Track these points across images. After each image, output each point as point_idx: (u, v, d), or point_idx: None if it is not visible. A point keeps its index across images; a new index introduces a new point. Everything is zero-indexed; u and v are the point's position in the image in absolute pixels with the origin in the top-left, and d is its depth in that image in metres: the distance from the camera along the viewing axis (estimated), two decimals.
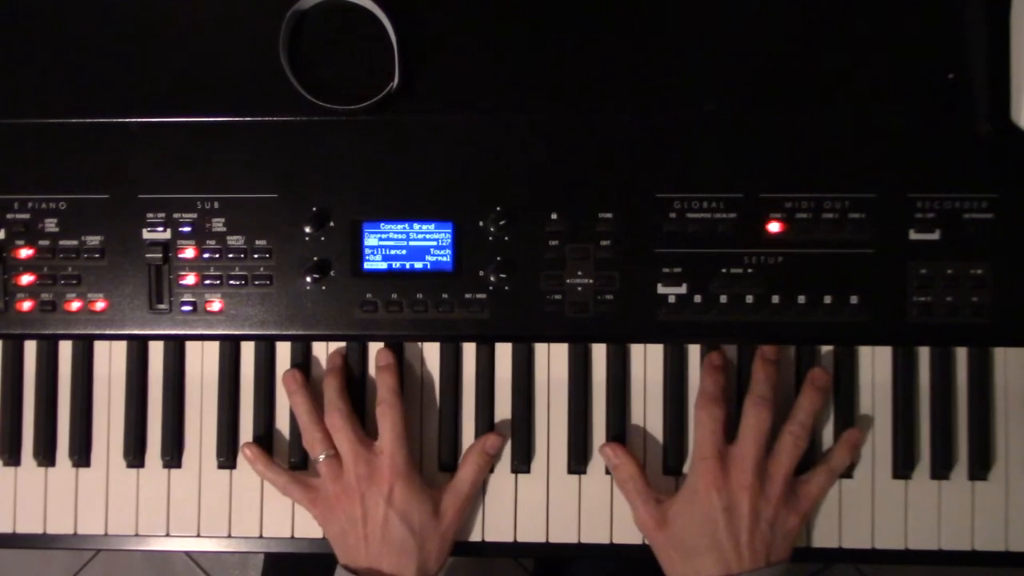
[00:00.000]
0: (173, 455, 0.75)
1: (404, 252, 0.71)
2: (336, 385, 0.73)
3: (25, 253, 0.72)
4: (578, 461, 0.74)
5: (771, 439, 0.70)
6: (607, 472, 0.74)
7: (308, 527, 0.74)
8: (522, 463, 0.74)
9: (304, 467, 0.75)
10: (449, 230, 0.71)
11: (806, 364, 0.74)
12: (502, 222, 0.70)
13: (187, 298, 0.72)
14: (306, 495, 0.72)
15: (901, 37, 0.71)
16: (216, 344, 0.75)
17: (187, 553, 1.48)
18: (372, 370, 0.75)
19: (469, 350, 0.75)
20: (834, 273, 0.70)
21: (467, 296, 0.71)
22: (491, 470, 0.74)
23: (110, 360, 0.76)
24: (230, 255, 0.71)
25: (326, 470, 0.72)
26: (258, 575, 1.56)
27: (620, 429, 0.74)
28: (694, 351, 0.74)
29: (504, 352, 0.75)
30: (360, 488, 0.70)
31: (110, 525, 0.75)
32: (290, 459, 0.75)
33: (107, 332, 0.72)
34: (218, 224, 0.71)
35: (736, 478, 0.68)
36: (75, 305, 0.72)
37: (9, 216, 0.72)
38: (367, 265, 0.71)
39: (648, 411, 0.74)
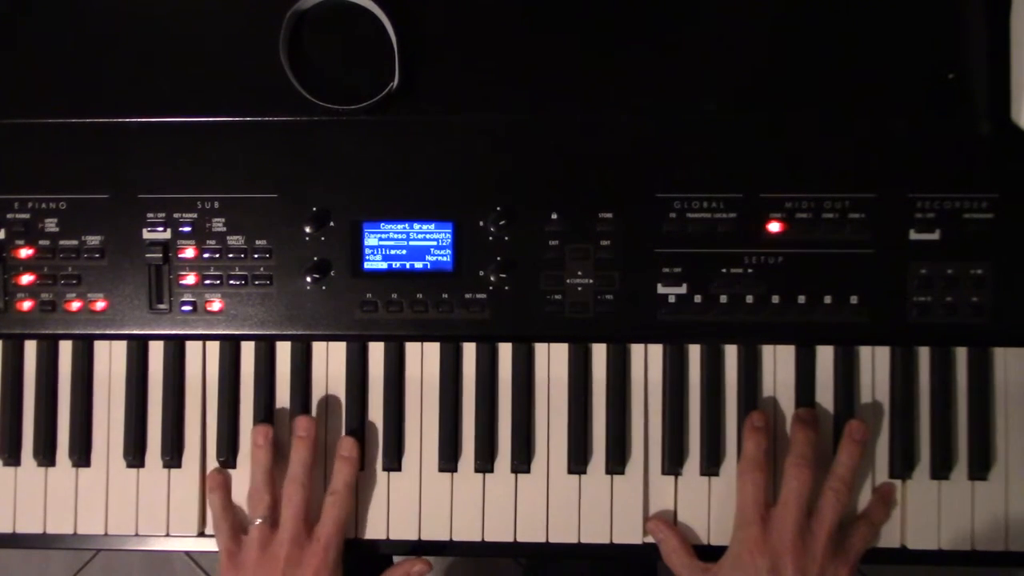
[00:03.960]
0: (173, 455, 0.75)
1: (404, 252, 0.71)
2: (304, 458, 0.72)
3: (25, 253, 0.72)
4: (578, 461, 0.74)
5: (814, 498, 0.69)
6: (607, 472, 0.74)
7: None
8: (522, 463, 0.74)
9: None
10: (449, 230, 0.71)
11: (806, 364, 0.74)
12: (502, 222, 0.70)
13: (187, 298, 0.72)
14: (229, 544, 0.70)
15: (901, 37, 0.71)
16: (216, 344, 0.75)
17: (187, 553, 1.48)
18: (372, 375, 0.75)
19: (469, 350, 0.75)
20: (834, 273, 0.70)
21: (467, 296, 0.71)
22: (491, 470, 0.74)
23: (110, 360, 0.76)
24: (230, 255, 0.71)
25: (257, 535, 0.70)
26: None
27: (620, 429, 0.74)
28: (694, 351, 0.74)
29: (504, 352, 0.75)
30: (284, 569, 0.68)
31: (110, 525, 0.75)
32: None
33: (107, 332, 0.72)
34: (218, 224, 0.71)
35: (779, 540, 0.67)
36: (75, 305, 0.72)
37: (9, 216, 0.72)
38: (367, 265, 0.72)
39: (648, 411, 0.74)
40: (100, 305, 0.72)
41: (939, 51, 0.71)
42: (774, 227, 0.70)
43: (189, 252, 0.71)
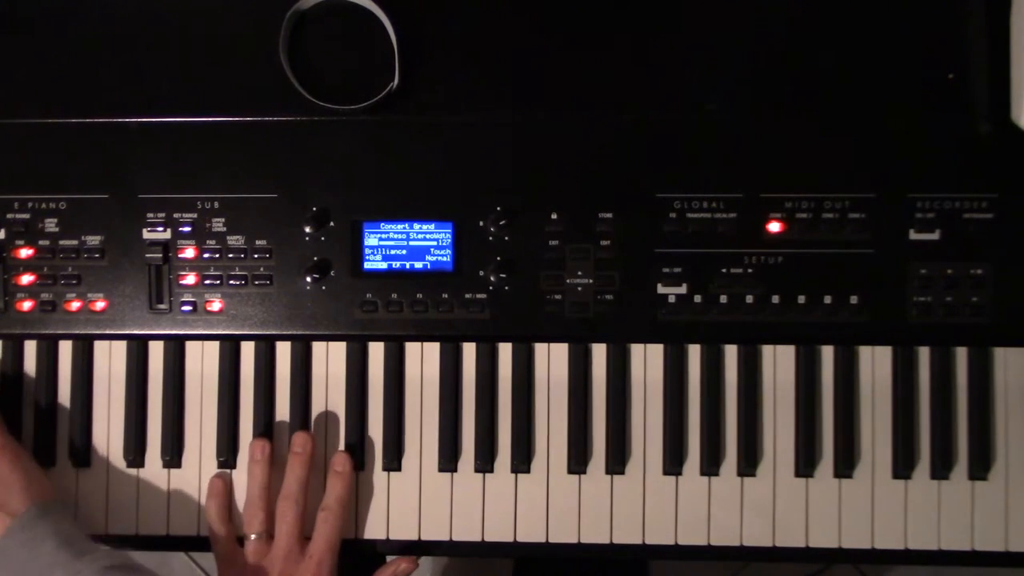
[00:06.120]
0: (173, 455, 0.75)
1: (404, 252, 0.71)
2: (300, 475, 0.72)
3: (25, 253, 0.72)
4: (578, 461, 0.74)
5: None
6: (607, 472, 0.74)
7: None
8: (522, 463, 0.74)
9: None
10: (449, 230, 0.71)
11: (806, 364, 0.74)
12: (502, 222, 0.70)
13: (187, 298, 0.72)
14: (224, 551, 0.71)
15: (901, 37, 0.71)
16: (216, 344, 0.75)
17: (187, 553, 1.48)
18: (372, 375, 0.75)
19: (469, 350, 0.75)
20: (834, 273, 0.70)
21: (467, 296, 0.71)
22: (491, 470, 0.74)
23: (110, 360, 0.76)
24: (230, 255, 0.71)
25: (253, 549, 0.71)
26: None
27: (620, 429, 0.74)
28: (694, 351, 0.74)
29: (504, 352, 0.75)
30: None
31: (110, 525, 0.75)
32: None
33: (107, 332, 0.72)
34: (218, 224, 0.71)
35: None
36: (75, 305, 0.72)
37: (9, 216, 0.72)
38: (367, 265, 0.71)
39: (648, 411, 0.74)
40: (100, 305, 0.72)
41: (939, 51, 0.71)
42: (774, 227, 0.70)
43: (189, 252, 0.71)
